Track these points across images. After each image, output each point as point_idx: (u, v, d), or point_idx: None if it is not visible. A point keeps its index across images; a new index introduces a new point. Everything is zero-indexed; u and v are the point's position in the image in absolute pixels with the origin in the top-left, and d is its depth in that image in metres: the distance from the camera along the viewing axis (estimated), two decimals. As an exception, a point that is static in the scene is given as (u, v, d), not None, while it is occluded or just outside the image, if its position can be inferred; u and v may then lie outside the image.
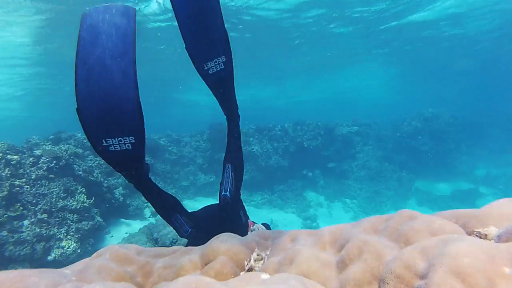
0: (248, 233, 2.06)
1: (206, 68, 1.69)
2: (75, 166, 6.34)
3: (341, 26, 11.26)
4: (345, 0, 9.24)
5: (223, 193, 1.95)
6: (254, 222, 2.37)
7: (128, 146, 1.43)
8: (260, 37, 11.48)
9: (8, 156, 5.17)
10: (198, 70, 1.71)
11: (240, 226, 2.09)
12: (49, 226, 5.02)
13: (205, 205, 2.23)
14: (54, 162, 5.77)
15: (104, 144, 1.42)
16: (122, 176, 2.41)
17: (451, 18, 11.10)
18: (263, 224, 2.33)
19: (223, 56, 1.69)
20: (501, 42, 14.40)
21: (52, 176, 5.65)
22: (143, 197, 1.80)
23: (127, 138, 1.42)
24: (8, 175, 4.98)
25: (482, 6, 10.31)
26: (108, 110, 1.36)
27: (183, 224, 1.87)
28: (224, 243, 1.08)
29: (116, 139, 1.41)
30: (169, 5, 8.27)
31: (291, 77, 19.41)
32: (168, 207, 1.85)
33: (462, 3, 9.97)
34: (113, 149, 1.43)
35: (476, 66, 17.96)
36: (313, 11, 9.88)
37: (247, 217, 2.43)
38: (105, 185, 7.04)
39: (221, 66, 1.70)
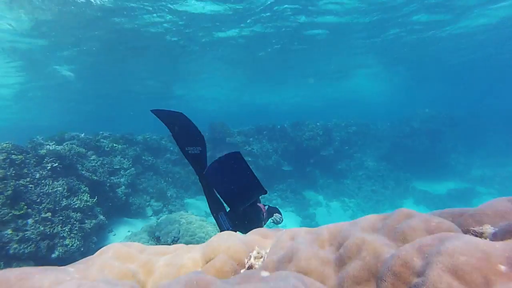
0: (264, 215, 2.76)
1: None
2: (78, 165, 6.39)
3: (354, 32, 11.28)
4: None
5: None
6: (265, 205, 2.87)
7: (197, 150, 2.68)
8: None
9: (13, 156, 5.21)
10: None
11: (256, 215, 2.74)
12: (53, 225, 5.07)
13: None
14: (58, 161, 5.82)
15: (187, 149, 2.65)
16: (124, 176, 3.13)
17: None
18: (273, 207, 2.96)
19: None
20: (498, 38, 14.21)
21: (55, 175, 5.70)
22: (205, 195, 2.76)
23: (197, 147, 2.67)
24: (13, 174, 5.03)
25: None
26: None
27: (226, 222, 2.55)
28: (224, 242, 1.09)
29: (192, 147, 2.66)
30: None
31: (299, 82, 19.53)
32: (218, 204, 2.62)
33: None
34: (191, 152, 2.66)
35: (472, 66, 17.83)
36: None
37: (259, 201, 2.99)
38: (108, 184, 7.09)
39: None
